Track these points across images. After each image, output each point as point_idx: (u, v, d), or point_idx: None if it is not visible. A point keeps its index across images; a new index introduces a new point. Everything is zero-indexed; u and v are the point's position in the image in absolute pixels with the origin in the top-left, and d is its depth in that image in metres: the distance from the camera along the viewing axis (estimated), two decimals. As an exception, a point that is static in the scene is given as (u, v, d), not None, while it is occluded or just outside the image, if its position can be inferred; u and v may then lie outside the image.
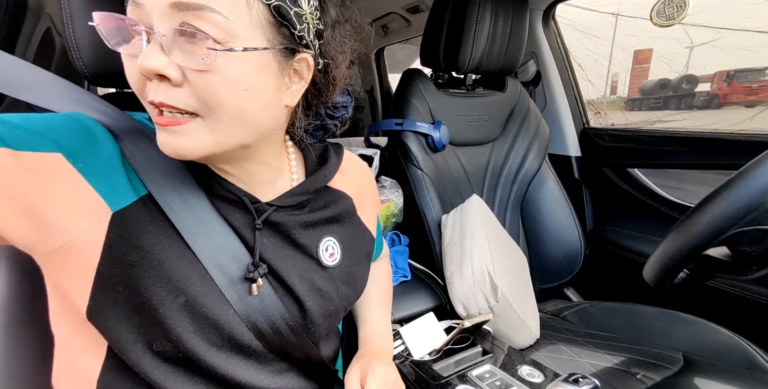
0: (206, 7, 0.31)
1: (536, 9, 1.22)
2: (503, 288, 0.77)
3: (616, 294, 1.17)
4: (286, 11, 0.35)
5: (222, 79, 0.33)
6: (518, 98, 1.16)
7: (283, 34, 0.36)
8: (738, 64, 4.67)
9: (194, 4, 0.31)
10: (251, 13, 0.33)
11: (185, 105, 0.34)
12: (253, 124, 0.38)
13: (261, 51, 0.35)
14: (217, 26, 0.32)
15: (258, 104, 0.37)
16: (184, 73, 0.33)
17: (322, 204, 0.50)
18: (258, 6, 0.34)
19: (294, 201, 0.46)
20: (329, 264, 0.49)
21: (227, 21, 0.32)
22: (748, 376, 0.72)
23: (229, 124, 0.36)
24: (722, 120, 2.90)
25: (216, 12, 0.32)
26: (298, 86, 0.40)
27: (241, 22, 0.33)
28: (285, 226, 0.45)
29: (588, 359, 0.80)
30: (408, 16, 1.67)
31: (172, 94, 0.34)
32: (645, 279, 0.60)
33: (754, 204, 0.45)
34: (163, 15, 0.32)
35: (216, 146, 0.37)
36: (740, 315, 0.91)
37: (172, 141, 0.35)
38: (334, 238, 0.50)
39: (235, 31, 0.33)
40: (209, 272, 0.39)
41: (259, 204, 0.43)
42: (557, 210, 1.14)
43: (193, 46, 0.32)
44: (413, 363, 0.64)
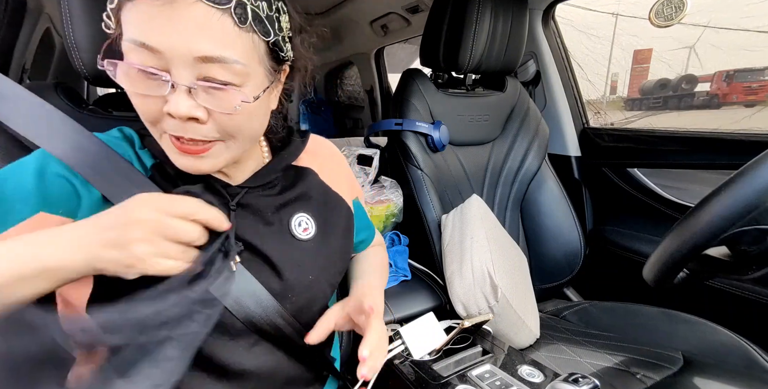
0: (228, 58, 0.35)
1: (536, 9, 1.22)
2: (503, 288, 0.77)
3: (616, 294, 1.16)
4: (278, 41, 0.40)
5: (245, 116, 0.39)
6: (518, 98, 1.16)
7: (276, 59, 0.42)
8: (737, 63, 4.67)
9: (218, 57, 0.35)
10: (257, 54, 0.38)
11: (211, 137, 0.39)
12: (256, 136, 0.45)
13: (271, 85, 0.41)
14: (237, 74, 0.37)
15: (261, 122, 0.44)
16: (209, 112, 0.37)
17: (290, 183, 0.53)
18: (260, 45, 0.38)
19: (263, 181, 0.49)
20: (303, 238, 0.51)
21: (244, 67, 0.37)
22: (748, 376, 0.72)
23: (244, 142, 0.42)
24: (718, 117, 2.90)
25: (237, 62, 0.36)
26: (277, 92, 0.46)
27: (252, 63, 0.38)
28: (258, 207, 0.48)
29: (588, 359, 0.80)
30: (408, 16, 1.67)
31: (199, 129, 0.38)
32: (645, 279, 0.60)
33: (754, 203, 0.45)
34: (186, 65, 0.35)
35: (231, 160, 0.43)
36: (740, 315, 0.91)
37: (198, 164, 0.40)
38: (306, 214, 0.52)
39: (249, 72, 0.38)
40: None
41: (230, 187, 0.47)
42: (557, 210, 1.14)
43: (219, 93, 0.37)
44: (413, 363, 0.64)
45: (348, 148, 1.17)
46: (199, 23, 0.34)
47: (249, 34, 0.36)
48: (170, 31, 0.34)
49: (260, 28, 0.37)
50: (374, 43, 2.04)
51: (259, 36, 0.37)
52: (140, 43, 0.34)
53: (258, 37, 0.37)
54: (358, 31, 1.97)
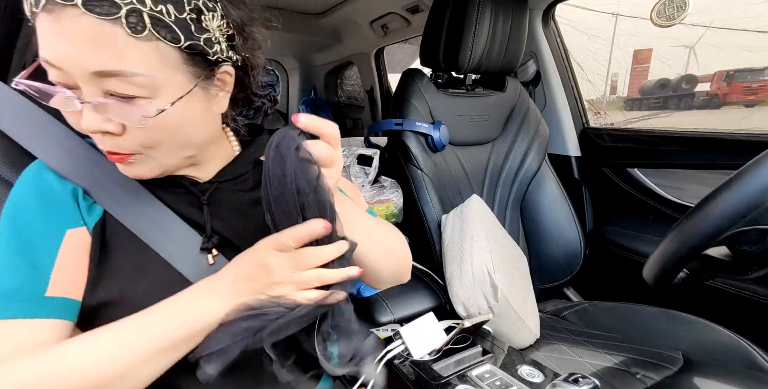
0: (125, 71, 0.33)
1: (536, 9, 1.22)
2: (503, 288, 0.77)
3: (616, 294, 1.16)
4: (195, 45, 0.36)
5: (160, 129, 0.37)
6: (518, 98, 1.16)
7: (200, 63, 0.38)
8: (737, 63, 4.68)
9: (113, 71, 0.33)
10: (167, 61, 0.35)
11: (131, 149, 0.38)
12: (193, 143, 0.43)
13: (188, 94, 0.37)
14: (141, 86, 0.34)
15: (195, 129, 0.41)
16: (124, 126, 0.36)
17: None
18: (170, 52, 0.35)
19: (232, 175, 0.49)
20: None
21: (148, 78, 0.34)
22: (748, 376, 0.72)
23: (172, 152, 0.41)
24: (718, 117, 2.90)
25: (137, 74, 0.34)
26: (224, 93, 0.43)
27: (161, 74, 0.35)
28: (232, 202, 0.48)
29: (588, 359, 0.80)
30: (408, 16, 1.67)
31: (116, 142, 0.37)
32: (645, 279, 0.60)
33: (754, 203, 0.45)
34: (86, 80, 0.34)
35: (165, 167, 0.42)
36: (740, 315, 0.91)
37: (127, 170, 0.41)
38: None
39: (158, 84, 0.35)
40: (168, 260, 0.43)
41: (199, 184, 0.47)
42: (557, 210, 1.14)
43: (126, 107, 0.35)
44: (413, 363, 0.64)
45: (348, 148, 1.17)
46: (88, 37, 0.32)
47: (151, 42, 0.34)
48: (61, 47, 0.32)
49: (166, 34, 0.34)
50: (374, 43, 2.04)
51: (166, 43, 0.34)
52: (43, 59, 0.34)
53: (165, 44, 0.34)
54: (358, 31, 1.97)
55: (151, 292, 0.41)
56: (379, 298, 0.81)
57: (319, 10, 1.85)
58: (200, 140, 0.43)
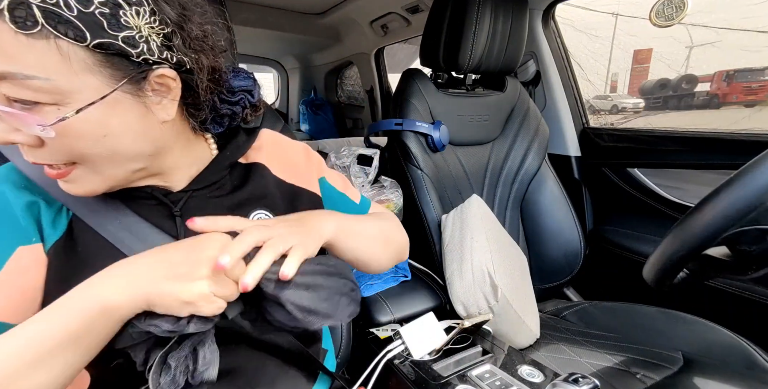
0: (15, 73, 0.29)
1: (536, 9, 1.22)
2: (503, 288, 0.77)
3: (616, 294, 1.16)
4: (110, 44, 0.31)
5: (74, 138, 0.33)
6: (518, 98, 1.16)
7: (121, 65, 0.33)
8: (737, 63, 4.68)
9: (3, 73, 0.29)
10: (71, 63, 0.30)
11: (57, 160, 0.34)
12: (132, 154, 0.38)
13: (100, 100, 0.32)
14: (42, 91, 0.30)
15: (127, 139, 0.36)
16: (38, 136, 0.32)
17: (241, 182, 0.50)
18: (76, 52, 0.30)
19: (208, 182, 0.46)
20: None
21: (49, 81, 0.30)
22: (748, 376, 0.72)
23: (107, 164, 0.36)
24: (717, 118, 2.90)
25: (31, 77, 0.29)
26: (168, 98, 0.38)
27: (65, 77, 0.30)
28: (209, 211, 0.45)
29: (588, 359, 0.80)
30: (408, 16, 1.67)
31: (39, 153, 0.34)
32: (645, 279, 0.60)
33: (754, 203, 0.45)
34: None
35: (108, 182, 0.38)
36: (740, 315, 0.91)
37: (69, 188, 0.37)
38: (264, 211, 0.49)
39: (64, 88, 0.31)
40: None
41: (172, 194, 0.44)
42: (557, 210, 1.14)
43: (26, 114, 0.31)
44: (413, 363, 0.64)
45: (348, 148, 1.17)
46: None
47: (48, 40, 0.29)
48: None
49: (65, 30, 0.29)
50: (374, 43, 2.04)
51: (68, 41, 0.29)
52: None
53: (67, 42, 0.29)
54: (358, 31, 1.97)
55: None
56: (379, 298, 0.81)
57: (319, 10, 1.85)
58: (140, 151, 0.38)
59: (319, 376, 0.57)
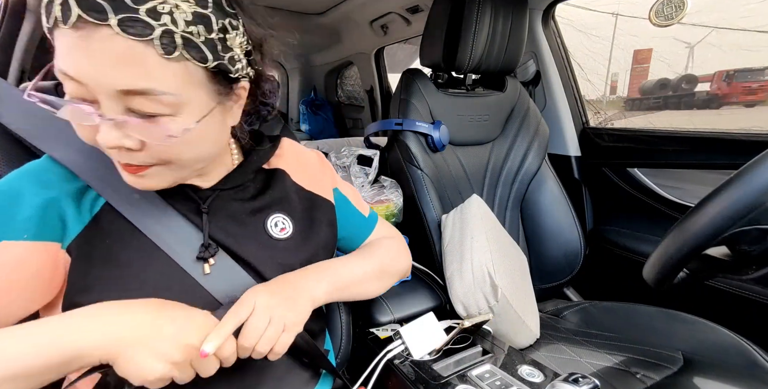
0: (154, 90, 0.33)
1: (536, 9, 1.22)
2: (503, 288, 0.77)
3: (616, 294, 1.16)
4: (222, 64, 0.37)
5: (182, 145, 0.37)
6: (518, 98, 1.16)
7: (221, 80, 0.38)
8: (737, 63, 4.68)
9: (141, 90, 0.33)
10: (193, 80, 0.35)
11: (148, 162, 0.38)
12: (207, 157, 0.43)
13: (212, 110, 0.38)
14: (167, 105, 0.34)
15: (210, 144, 0.41)
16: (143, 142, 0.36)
17: (264, 186, 0.53)
18: (197, 71, 0.35)
19: (234, 184, 0.50)
20: (280, 237, 0.51)
21: (175, 97, 0.34)
22: (748, 376, 0.72)
23: (188, 165, 0.41)
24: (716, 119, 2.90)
25: (165, 93, 0.34)
26: (237, 105, 0.43)
27: (186, 93, 0.35)
28: (232, 211, 0.49)
29: (588, 359, 0.80)
30: (408, 16, 1.67)
31: (135, 156, 0.37)
32: (645, 279, 0.60)
33: (754, 203, 0.45)
34: (111, 97, 0.33)
35: (177, 179, 0.42)
36: (740, 315, 0.91)
37: (138, 182, 0.40)
38: (283, 215, 0.52)
39: (183, 101, 0.35)
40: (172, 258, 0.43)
41: (201, 191, 0.47)
42: (557, 210, 1.14)
43: (148, 125, 0.35)
44: (413, 363, 0.64)
45: (348, 148, 1.17)
46: (119, 56, 0.31)
47: (180, 62, 0.34)
48: (90, 64, 0.32)
49: (195, 54, 0.34)
50: (374, 43, 2.04)
51: (195, 63, 0.35)
52: (64, 72, 0.33)
53: (193, 63, 0.35)
54: (358, 31, 1.97)
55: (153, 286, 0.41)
56: (379, 298, 0.81)
57: (319, 10, 1.85)
58: (212, 154, 0.44)
59: (322, 376, 0.57)
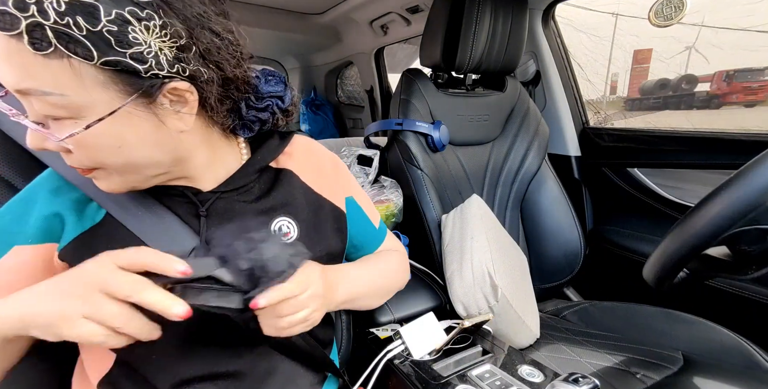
0: (36, 90, 0.31)
1: (536, 9, 1.22)
2: (503, 288, 0.77)
3: (616, 294, 1.16)
4: (116, 62, 0.32)
5: (92, 149, 0.35)
6: (518, 98, 1.16)
7: (132, 80, 0.33)
8: (737, 63, 4.67)
9: (26, 89, 0.31)
10: (82, 80, 0.31)
11: (84, 165, 0.37)
12: (149, 163, 0.39)
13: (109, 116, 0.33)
14: (59, 106, 0.32)
15: (142, 150, 0.38)
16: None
17: (269, 186, 0.51)
18: (87, 69, 0.31)
19: (236, 185, 0.47)
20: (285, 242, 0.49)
21: (64, 97, 0.32)
22: (748, 376, 0.72)
23: (126, 171, 0.39)
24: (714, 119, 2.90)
25: (48, 93, 0.31)
26: (186, 108, 0.38)
27: (78, 93, 0.32)
28: (234, 213, 0.47)
29: (588, 359, 0.80)
30: (408, 16, 1.67)
31: (70, 158, 0.37)
32: (645, 279, 0.60)
33: (754, 203, 0.45)
34: (20, 98, 0.33)
35: (131, 183, 0.41)
36: (740, 315, 0.91)
37: (98, 183, 0.40)
38: (288, 218, 0.50)
39: (78, 103, 0.32)
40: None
41: (201, 194, 0.46)
42: (557, 209, 1.14)
43: (55, 125, 0.34)
44: (413, 363, 0.64)
45: (348, 148, 1.17)
46: (3, 54, 0.30)
47: (61, 60, 0.30)
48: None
49: (75, 49, 0.30)
50: (374, 43, 2.04)
51: (79, 59, 0.30)
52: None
53: (78, 60, 0.31)
54: (358, 31, 1.97)
55: None
56: (379, 298, 0.81)
57: (318, 10, 1.85)
58: (155, 160, 0.39)
59: (328, 378, 0.57)
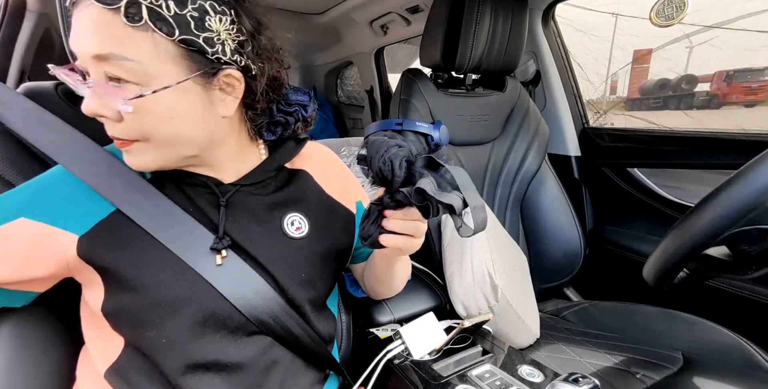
0: (117, 55, 0.36)
1: (536, 9, 1.22)
2: (503, 288, 0.77)
3: (616, 294, 1.16)
4: (192, 41, 0.38)
5: (147, 116, 0.39)
6: (518, 98, 1.16)
7: (198, 60, 0.40)
8: (737, 63, 4.67)
9: (107, 54, 0.36)
10: (159, 52, 0.37)
11: (128, 136, 0.41)
12: (190, 140, 0.43)
13: (175, 85, 0.39)
14: (131, 72, 0.37)
15: (188, 126, 0.42)
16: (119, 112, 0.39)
17: (284, 184, 0.55)
18: (165, 43, 0.37)
19: (254, 180, 0.51)
20: (296, 236, 0.52)
21: (139, 65, 0.37)
22: (748, 376, 0.72)
23: (167, 145, 0.42)
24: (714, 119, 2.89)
25: (127, 59, 0.36)
26: (231, 97, 0.44)
27: (152, 63, 0.37)
28: (250, 206, 0.50)
29: (588, 359, 0.80)
30: (408, 16, 1.67)
31: (116, 128, 0.40)
32: (645, 279, 0.60)
33: (754, 203, 0.45)
34: (91, 64, 0.38)
35: (163, 161, 0.44)
36: (740, 315, 0.91)
37: (129, 159, 0.43)
38: (300, 214, 0.54)
39: (150, 72, 0.38)
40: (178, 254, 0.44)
41: (223, 185, 0.49)
42: (557, 209, 1.14)
43: (119, 91, 0.38)
44: (413, 363, 0.64)
45: (348, 148, 1.17)
46: (93, 23, 0.36)
47: (146, 32, 0.36)
48: (75, 33, 0.37)
49: (161, 26, 0.36)
50: (374, 43, 2.04)
51: (161, 35, 0.37)
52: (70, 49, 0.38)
53: (160, 35, 0.37)
54: (358, 31, 1.97)
55: (165, 283, 0.43)
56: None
57: (318, 10, 1.85)
58: (196, 139, 0.44)
59: (329, 377, 0.57)
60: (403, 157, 0.40)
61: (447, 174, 0.40)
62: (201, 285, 0.45)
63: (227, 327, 0.46)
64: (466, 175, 0.41)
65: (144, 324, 0.43)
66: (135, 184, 0.46)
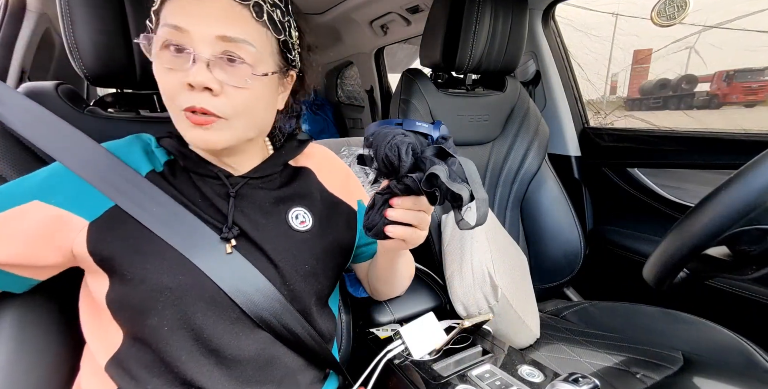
0: (245, 40, 0.43)
1: (536, 9, 1.22)
2: (503, 288, 0.77)
3: (616, 294, 1.16)
4: (286, 42, 0.48)
5: (252, 94, 0.45)
6: (518, 98, 1.16)
7: (283, 58, 0.49)
8: (737, 63, 4.67)
9: (237, 38, 0.43)
10: (270, 45, 0.46)
11: (221, 111, 0.44)
12: (260, 123, 0.50)
13: (271, 74, 0.47)
14: (250, 55, 0.44)
15: (266, 110, 0.50)
16: (223, 86, 0.43)
17: (288, 179, 0.58)
18: (271, 40, 0.47)
19: (262, 174, 0.54)
20: (300, 229, 0.54)
21: (255, 50, 0.44)
22: (748, 376, 0.72)
23: (245, 124, 0.47)
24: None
25: (251, 45, 0.44)
26: (284, 94, 0.53)
27: (264, 52, 0.46)
28: (257, 198, 0.53)
29: (588, 359, 0.80)
30: (408, 16, 1.67)
31: (212, 102, 0.44)
32: (645, 279, 0.60)
33: (754, 203, 0.45)
34: (208, 42, 0.42)
35: (235, 140, 0.47)
36: (740, 315, 0.91)
37: (204, 136, 0.45)
38: (304, 209, 0.56)
39: (261, 58, 0.45)
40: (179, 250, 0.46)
41: (233, 177, 0.52)
42: (557, 209, 1.14)
43: (233, 69, 0.44)
44: (413, 363, 0.64)
45: (348, 148, 1.17)
46: (224, 10, 0.42)
47: (263, 28, 0.45)
48: (199, 16, 0.42)
49: (272, 26, 0.45)
50: (374, 43, 2.04)
51: (272, 32, 0.45)
52: (173, 25, 0.42)
53: (270, 33, 0.45)
54: (358, 31, 1.97)
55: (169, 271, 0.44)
56: (379, 298, 0.81)
57: (319, 10, 1.85)
58: (263, 123, 0.51)
59: (330, 376, 0.57)
60: (409, 144, 0.41)
61: (455, 165, 0.40)
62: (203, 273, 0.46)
63: (229, 317, 0.47)
64: (474, 168, 0.42)
65: (146, 311, 0.44)
66: (135, 181, 0.47)
